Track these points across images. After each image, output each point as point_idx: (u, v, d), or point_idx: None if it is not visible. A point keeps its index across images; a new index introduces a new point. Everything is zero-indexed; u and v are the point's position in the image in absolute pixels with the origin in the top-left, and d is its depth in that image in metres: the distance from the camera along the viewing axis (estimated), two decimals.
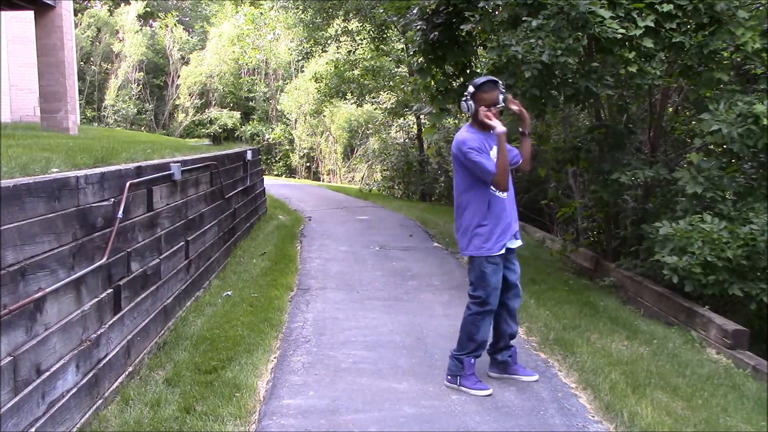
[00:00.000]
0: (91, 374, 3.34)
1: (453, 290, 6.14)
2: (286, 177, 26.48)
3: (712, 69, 5.96)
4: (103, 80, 26.88)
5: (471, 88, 3.73)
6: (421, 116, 15.63)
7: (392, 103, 18.01)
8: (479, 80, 3.74)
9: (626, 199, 7.16)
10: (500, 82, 3.75)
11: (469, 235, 3.78)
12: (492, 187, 3.70)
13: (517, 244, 3.87)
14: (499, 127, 3.63)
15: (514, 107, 3.83)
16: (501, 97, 3.71)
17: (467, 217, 3.79)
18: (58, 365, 3.01)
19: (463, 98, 3.78)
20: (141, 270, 4.23)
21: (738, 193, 5.80)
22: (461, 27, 7.23)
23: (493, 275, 3.75)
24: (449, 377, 3.87)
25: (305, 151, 26.86)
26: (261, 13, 28.15)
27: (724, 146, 6.14)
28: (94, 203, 3.54)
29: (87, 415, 3.26)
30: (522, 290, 6.17)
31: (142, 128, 26.80)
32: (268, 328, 4.79)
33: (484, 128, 3.76)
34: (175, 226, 5.14)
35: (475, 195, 3.75)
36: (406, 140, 19.31)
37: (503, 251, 3.76)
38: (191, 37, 30.74)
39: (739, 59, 6.38)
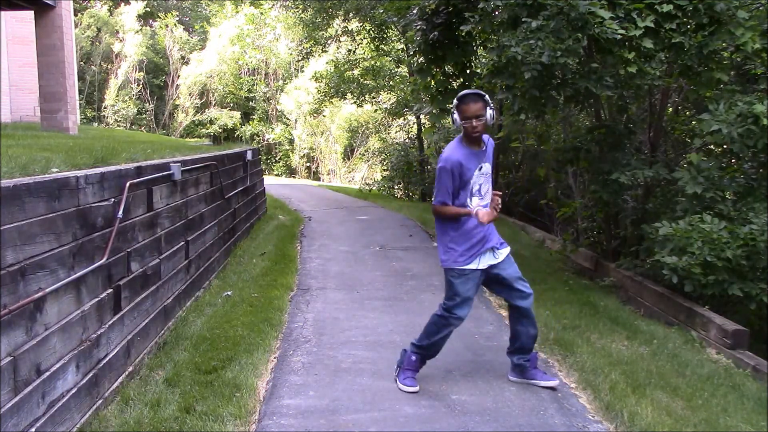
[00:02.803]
0: (91, 374, 3.34)
1: None
2: (286, 177, 26.49)
3: (712, 69, 5.96)
4: (103, 80, 26.86)
5: (455, 101, 3.68)
6: (421, 116, 15.64)
7: (392, 103, 18.01)
8: (463, 92, 3.69)
9: (626, 199, 7.16)
10: (484, 95, 3.65)
11: (443, 246, 3.79)
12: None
13: (502, 255, 3.79)
14: (478, 215, 3.61)
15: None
16: (489, 111, 3.62)
17: (441, 229, 3.82)
18: (58, 365, 3.01)
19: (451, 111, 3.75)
20: (141, 270, 4.23)
21: (738, 193, 5.81)
22: (461, 27, 7.24)
23: (461, 286, 3.73)
24: (396, 366, 3.95)
25: (305, 151, 26.87)
26: (261, 13, 28.16)
27: (724, 146, 6.15)
28: (94, 203, 3.54)
29: (87, 415, 3.26)
30: None
31: (142, 128, 26.79)
32: (268, 328, 4.79)
33: (473, 143, 3.71)
34: (175, 226, 5.14)
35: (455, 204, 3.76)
36: (406, 140, 19.31)
37: (476, 266, 3.72)
38: (191, 37, 30.73)
39: (739, 59, 6.39)
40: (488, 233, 3.76)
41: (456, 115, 3.66)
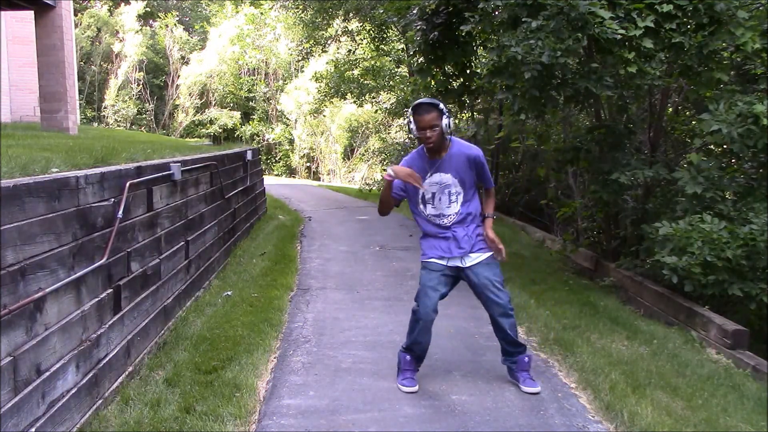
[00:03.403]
0: (91, 374, 3.34)
1: (452, 290, 6.13)
2: (286, 177, 26.49)
3: (712, 69, 5.96)
4: (103, 80, 26.85)
5: (410, 110, 3.71)
6: None
7: (392, 103, 18.01)
8: (416, 102, 3.70)
9: (626, 199, 7.16)
10: (439, 104, 3.63)
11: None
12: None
13: (473, 260, 3.76)
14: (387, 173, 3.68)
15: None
16: (446, 120, 3.59)
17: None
18: (58, 365, 3.01)
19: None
20: (141, 270, 4.23)
21: (738, 193, 5.81)
22: (461, 27, 7.24)
23: (423, 277, 3.82)
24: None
25: (305, 151, 26.86)
26: (261, 13, 28.15)
27: (724, 146, 6.15)
28: (94, 203, 3.54)
29: (87, 415, 3.26)
30: (522, 290, 6.18)
31: (142, 128, 26.79)
32: (268, 328, 4.79)
33: (432, 153, 3.73)
34: (175, 226, 5.14)
35: (410, 208, 3.93)
36: (406, 140, 19.30)
37: (438, 261, 3.79)
38: (191, 37, 30.73)
39: (739, 59, 6.39)
40: (456, 239, 3.77)
41: (412, 125, 3.67)
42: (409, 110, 3.71)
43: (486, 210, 3.88)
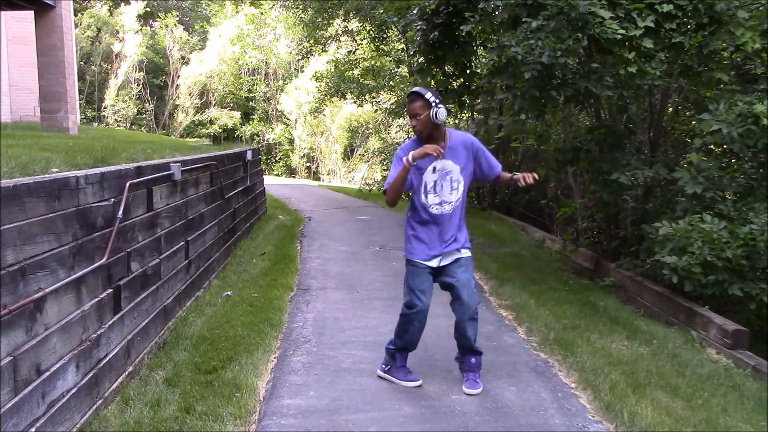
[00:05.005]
0: (91, 374, 3.34)
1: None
2: (286, 177, 26.49)
3: (712, 69, 5.96)
4: (103, 80, 26.85)
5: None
6: None
7: (392, 103, 18.01)
8: (410, 90, 3.80)
9: (626, 199, 7.16)
10: (425, 94, 3.62)
11: (405, 235, 3.89)
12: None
13: (454, 257, 3.77)
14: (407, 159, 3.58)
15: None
16: (435, 109, 3.58)
17: (407, 218, 3.90)
18: (58, 365, 3.01)
19: None
20: (141, 270, 4.23)
21: (738, 193, 5.81)
22: (461, 27, 7.24)
23: (412, 279, 3.78)
24: (383, 366, 3.98)
25: (305, 151, 26.86)
26: (261, 13, 28.15)
27: (724, 146, 6.15)
28: (94, 203, 3.54)
29: (87, 415, 3.26)
30: (522, 290, 6.18)
31: (142, 128, 26.78)
32: (268, 328, 4.79)
33: (427, 142, 3.71)
34: (175, 226, 5.14)
35: (411, 199, 3.85)
36: (406, 140, 19.28)
37: (428, 262, 3.75)
38: (191, 37, 30.73)
39: (739, 59, 6.39)
40: (444, 229, 3.75)
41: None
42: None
43: (508, 175, 3.82)
